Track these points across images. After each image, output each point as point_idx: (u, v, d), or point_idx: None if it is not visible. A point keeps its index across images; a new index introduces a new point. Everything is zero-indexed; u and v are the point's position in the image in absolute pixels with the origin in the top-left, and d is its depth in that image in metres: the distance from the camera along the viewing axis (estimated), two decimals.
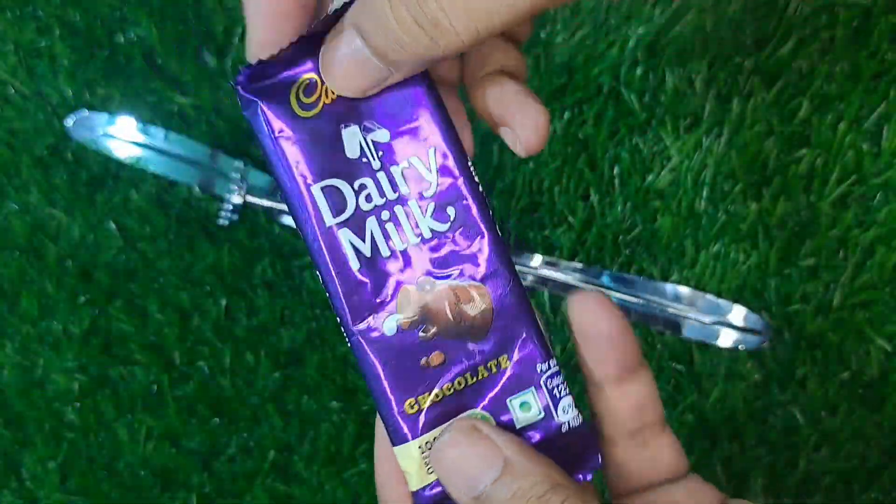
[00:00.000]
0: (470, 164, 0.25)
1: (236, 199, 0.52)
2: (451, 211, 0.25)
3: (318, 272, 0.24)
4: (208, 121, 0.55)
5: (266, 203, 0.53)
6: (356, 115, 0.24)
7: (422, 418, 0.24)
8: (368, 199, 0.24)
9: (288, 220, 0.54)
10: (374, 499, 0.59)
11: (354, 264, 0.24)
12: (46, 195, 0.55)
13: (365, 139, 0.24)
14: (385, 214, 0.24)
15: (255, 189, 0.53)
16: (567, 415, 0.25)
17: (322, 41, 0.24)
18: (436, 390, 0.24)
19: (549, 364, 0.25)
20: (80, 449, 0.56)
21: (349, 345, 0.25)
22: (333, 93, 0.24)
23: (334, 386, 0.54)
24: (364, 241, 0.24)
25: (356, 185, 0.24)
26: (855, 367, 0.53)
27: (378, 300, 0.24)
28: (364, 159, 0.24)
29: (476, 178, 0.25)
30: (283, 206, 0.53)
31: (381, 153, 0.25)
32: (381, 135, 0.25)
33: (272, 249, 0.55)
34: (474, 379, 0.25)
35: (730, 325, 0.53)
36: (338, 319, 0.24)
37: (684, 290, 0.53)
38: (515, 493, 0.22)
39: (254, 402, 0.55)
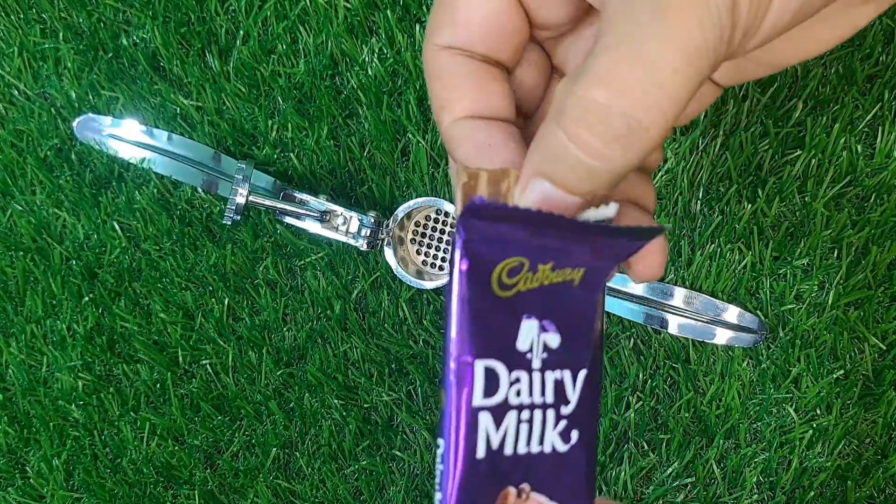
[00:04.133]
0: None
1: (239, 200, 0.53)
2: (574, 435, 0.25)
3: (441, 442, 0.24)
4: (211, 122, 0.56)
5: (268, 203, 0.53)
6: (540, 310, 0.24)
7: None
8: (518, 393, 0.24)
9: (290, 220, 0.54)
10: (374, 496, 0.60)
11: (480, 452, 0.24)
12: (51, 196, 0.56)
13: (538, 337, 0.24)
14: (525, 414, 0.24)
15: (258, 189, 0.54)
16: None
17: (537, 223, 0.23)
18: None
19: None
20: (85, 446, 0.56)
21: None
22: (533, 281, 0.24)
23: (336, 384, 0.55)
24: (497, 432, 0.24)
25: (513, 375, 0.24)
26: (849, 366, 0.53)
27: (485, 492, 0.24)
28: (528, 355, 0.24)
29: (599, 406, 0.25)
30: (285, 206, 0.53)
31: (545, 355, 0.24)
32: (553, 339, 0.24)
33: (275, 249, 0.55)
34: None
35: (725, 324, 0.53)
36: (436, 485, 0.24)
37: (680, 289, 0.53)
38: None
39: (256, 399, 0.55)
